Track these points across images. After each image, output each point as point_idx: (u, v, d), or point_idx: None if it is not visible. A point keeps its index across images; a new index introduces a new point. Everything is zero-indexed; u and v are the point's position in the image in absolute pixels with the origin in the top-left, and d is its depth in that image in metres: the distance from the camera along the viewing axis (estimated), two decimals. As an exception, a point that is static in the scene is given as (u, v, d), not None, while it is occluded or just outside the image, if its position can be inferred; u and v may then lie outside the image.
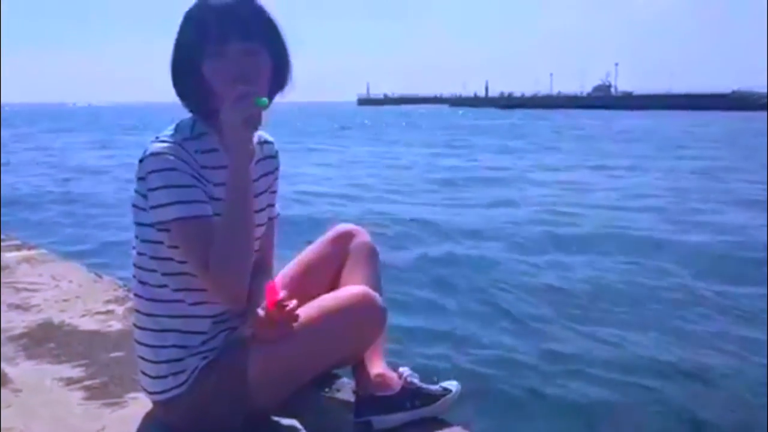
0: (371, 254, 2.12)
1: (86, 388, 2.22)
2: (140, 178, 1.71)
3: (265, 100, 1.67)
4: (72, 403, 2.12)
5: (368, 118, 67.60)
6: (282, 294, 1.74)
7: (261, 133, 1.92)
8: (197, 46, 1.68)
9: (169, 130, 1.75)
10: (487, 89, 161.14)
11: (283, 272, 2.14)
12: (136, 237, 1.80)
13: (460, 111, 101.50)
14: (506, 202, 12.01)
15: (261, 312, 1.75)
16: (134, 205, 1.77)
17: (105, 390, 2.21)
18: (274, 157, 1.99)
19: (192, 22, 1.71)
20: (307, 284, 2.06)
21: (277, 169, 2.00)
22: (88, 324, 2.87)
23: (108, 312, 3.02)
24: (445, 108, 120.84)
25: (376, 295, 1.88)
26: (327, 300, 1.87)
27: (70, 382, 2.28)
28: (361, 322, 1.87)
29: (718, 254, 7.65)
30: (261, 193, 1.89)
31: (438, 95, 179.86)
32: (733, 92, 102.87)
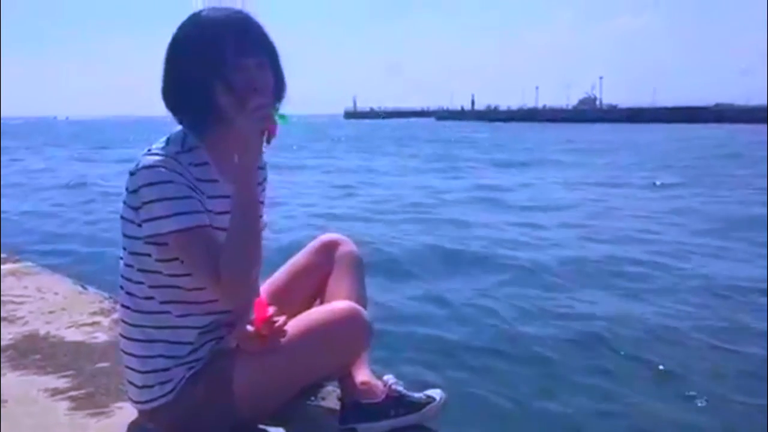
0: (357, 264, 2.15)
1: (72, 399, 2.23)
2: (132, 191, 1.71)
3: (287, 116, 1.72)
4: (58, 413, 2.13)
5: (357, 132, 66.84)
6: (271, 310, 1.76)
7: None
8: (209, 59, 1.69)
9: (160, 143, 1.76)
10: (473, 102, 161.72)
11: (270, 280, 2.16)
12: (124, 248, 1.82)
13: (446, 124, 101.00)
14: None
15: (250, 328, 1.78)
16: (122, 217, 1.78)
17: (91, 400, 2.21)
18: (263, 168, 2.01)
19: (202, 36, 1.71)
20: (292, 292, 2.09)
21: (265, 179, 2.03)
22: (73, 335, 2.87)
23: (94, 323, 3.02)
24: (431, 122, 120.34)
25: (362, 311, 1.90)
26: (314, 315, 1.90)
27: (55, 392, 2.28)
28: (348, 339, 1.90)
29: None
30: None
31: (425, 109, 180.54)
32: (716, 105, 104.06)
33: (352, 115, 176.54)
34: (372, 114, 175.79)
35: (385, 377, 2.03)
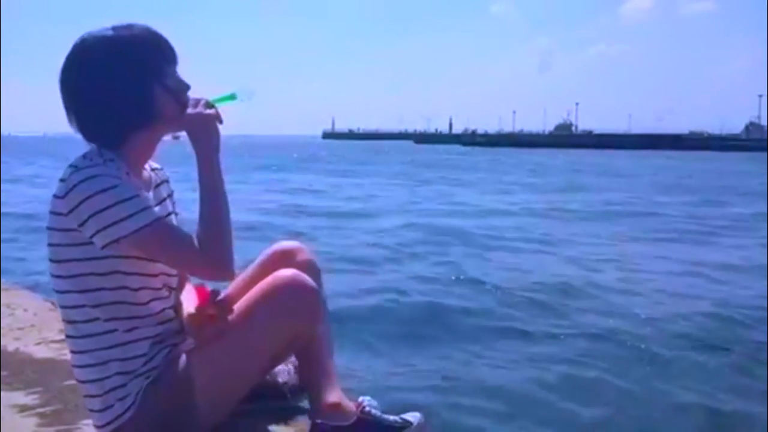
0: (313, 272, 2.04)
1: (40, 415, 2.19)
2: (69, 211, 1.64)
3: (235, 93, 1.86)
4: (25, 430, 2.08)
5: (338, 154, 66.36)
6: (210, 287, 1.79)
7: (149, 162, 1.91)
8: (148, 67, 1.73)
9: (82, 159, 1.72)
10: (451, 126, 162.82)
11: (222, 295, 2.09)
12: (58, 277, 1.74)
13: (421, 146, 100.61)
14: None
15: (194, 310, 1.79)
16: (51, 244, 1.72)
17: (58, 417, 2.18)
18: (167, 181, 2.00)
19: (133, 49, 1.73)
20: None
21: (173, 192, 2.01)
22: (42, 352, 2.83)
23: (63, 340, 2.95)
24: (410, 144, 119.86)
25: (305, 276, 1.90)
26: (257, 289, 1.89)
27: (23, 409, 2.24)
28: (296, 303, 1.87)
29: None
30: (168, 215, 1.89)
31: (403, 131, 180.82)
32: (691, 133, 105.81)
33: (330, 135, 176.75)
34: (351, 135, 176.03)
35: (361, 398, 1.98)
